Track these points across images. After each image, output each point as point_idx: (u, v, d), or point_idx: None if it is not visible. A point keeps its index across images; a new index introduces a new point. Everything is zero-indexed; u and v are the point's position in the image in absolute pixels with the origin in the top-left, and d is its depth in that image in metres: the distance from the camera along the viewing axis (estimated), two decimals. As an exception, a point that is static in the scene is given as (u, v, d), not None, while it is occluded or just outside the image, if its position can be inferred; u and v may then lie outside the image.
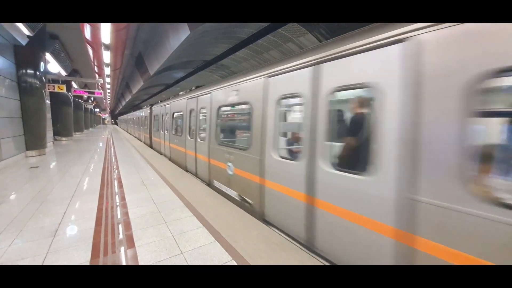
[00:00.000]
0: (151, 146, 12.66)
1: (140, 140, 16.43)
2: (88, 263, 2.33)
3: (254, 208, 3.64)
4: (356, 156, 2.41)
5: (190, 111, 6.64)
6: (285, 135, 4.68)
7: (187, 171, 6.76)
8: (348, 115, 2.95)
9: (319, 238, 2.60)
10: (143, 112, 15.76)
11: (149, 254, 2.50)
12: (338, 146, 2.71)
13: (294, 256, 2.54)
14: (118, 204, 3.96)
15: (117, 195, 4.43)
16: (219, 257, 2.49)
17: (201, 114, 6.14)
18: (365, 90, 2.22)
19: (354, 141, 2.51)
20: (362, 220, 2.13)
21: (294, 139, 4.15)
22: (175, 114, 8.18)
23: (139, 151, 10.76)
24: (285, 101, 3.39)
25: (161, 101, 11.13)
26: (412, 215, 1.79)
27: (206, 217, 3.43)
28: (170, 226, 3.17)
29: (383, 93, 1.97)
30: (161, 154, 9.92)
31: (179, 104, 7.65)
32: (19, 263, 2.32)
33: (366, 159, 2.13)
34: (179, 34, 11.20)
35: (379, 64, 2.02)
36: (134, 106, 53.12)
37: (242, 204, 3.93)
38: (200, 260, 2.44)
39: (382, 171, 1.99)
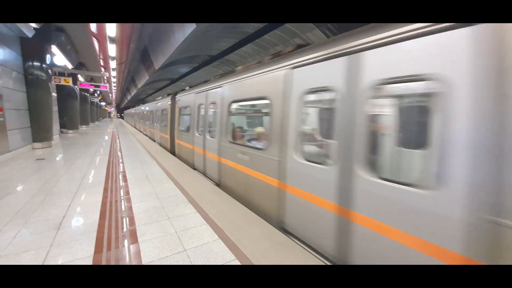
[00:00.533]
0: (173, 153, 8.74)
1: (154, 141, 12.88)
2: (91, 257, 2.32)
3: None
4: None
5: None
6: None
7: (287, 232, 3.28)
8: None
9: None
10: (160, 104, 11.64)
11: (152, 250, 2.48)
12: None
13: (298, 255, 2.49)
14: (122, 198, 3.96)
15: (122, 189, 4.43)
16: (222, 255, 2.46)
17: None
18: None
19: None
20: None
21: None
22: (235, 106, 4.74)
23: (144, 145, 10.78)
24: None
25: (191, 87, 7.62)
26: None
27: (209, 214, 3.40)
28: (173, 222, 3.15)
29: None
30: (195, 169, 6.47)
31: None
32: (23, 256, 2.33)
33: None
34: (185, 28, 11.11)
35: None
36: (139, 100, 53.38)
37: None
38: (203, 258, 2.41)
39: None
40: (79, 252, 2.40)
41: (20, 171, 5.56)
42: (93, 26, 10.20)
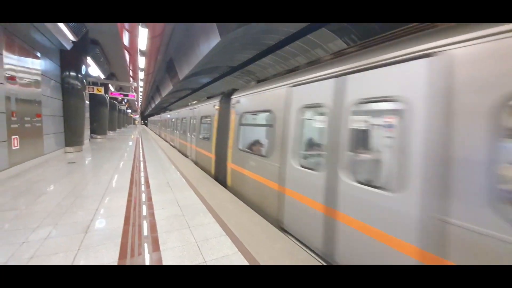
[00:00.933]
0: (223, 183, 5.71)
1: (186, 156, 10.04)
2: (115, 263, 2.37)
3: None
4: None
5: None
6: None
7: None
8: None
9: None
10: (200, 108, 8.63)
11: (173, 260, 2.49)
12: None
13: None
14: (145, 204, 4.06)
15: (145, 195, 4.55)
16: (243, 269, 2.40)
17: None
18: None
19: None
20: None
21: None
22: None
23: (165, 151, 11.09)
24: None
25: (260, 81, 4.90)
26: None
27: (228, 225, 3.38)
28: (193, 231, 3.16)
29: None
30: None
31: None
32: (52, 258, 2.43)
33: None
34: (209, 41, 11.52)
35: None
36: (162, 108, 55.62)
37: None
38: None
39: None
40: (104, 257, 2.46)
41: (52, 174, 5.93)
42: (125, 39, 10.90)
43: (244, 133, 5.05)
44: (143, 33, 9.20)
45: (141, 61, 12.86)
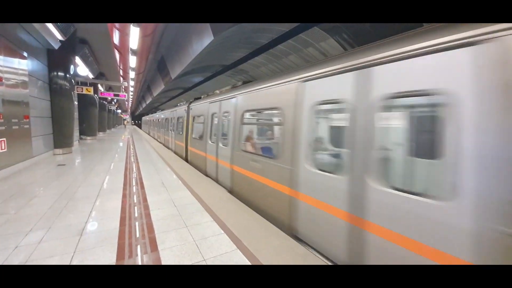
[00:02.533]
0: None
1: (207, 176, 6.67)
2: (114, 265, 2.35)
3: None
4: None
5: None
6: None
7: None
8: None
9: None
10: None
11: (172, 259, 2.48)
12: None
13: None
14: (140, 205, 4.01)
15: (139, 195, 4.50)
16: (242, 266, 2.42)
17: None
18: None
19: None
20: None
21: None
22: None
23: (157, 151, 10.98)
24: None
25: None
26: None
27: (226, 223, 3.38)
28: (191, 230, 3.15)
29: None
30: None
31: None
32: (48, 261, 2.38)
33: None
34: (203, 39, 11.42)
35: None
36: (153, 108, 54.87)
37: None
38: (223, 268, 2.38)
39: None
40: (101, 259, 2.43)
41: (42, 176, 5.78)
42: (115, 38, 10.68)
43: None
44: (134, 32, 9.04)
45: (132, 60, 12.63)
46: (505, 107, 1.45)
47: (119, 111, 47.87)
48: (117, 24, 9.45)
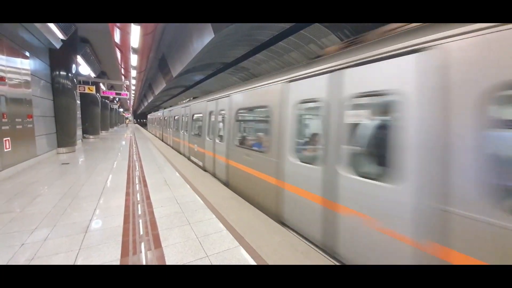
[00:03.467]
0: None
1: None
2: (118, 261, 2.38)
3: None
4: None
5: None
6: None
7: None
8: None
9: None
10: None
11: (175, 255, 2.51)
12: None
13: (319, 263, 2.44)
14: (143, 202, 4.05)
15: (142, 193, 4.54)
16: (244, 262, 2.45)
17: None
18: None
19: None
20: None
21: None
22: None
23: (160, 150, 11.03)
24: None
25: None
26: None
27: (228, 220, 3.41)
28: (194, 227, 3.18)
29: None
30: None
31: None
32: (54, 258, 2.42)
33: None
34: (203, 37, 11.41)
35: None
36: (155, 106, 54.98)
37: None
38: (226, 264, 2.41)
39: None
40: (106, 256, 2.47)
41: (47, 175, 5.84)
42: (116, 37, 10.70)
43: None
44: (135, 30, 9.04)
45: (133, 59, 12.65)
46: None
47: (121, 109, 48.02)
48: (117, 23, 9.46)
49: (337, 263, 2.56)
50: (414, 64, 1.92)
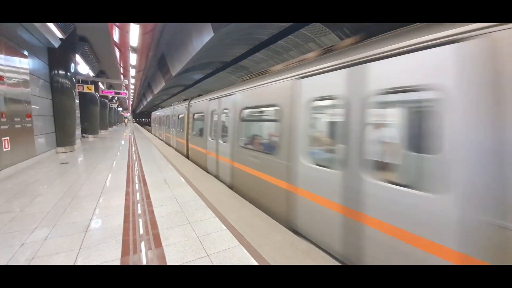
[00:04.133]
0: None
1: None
2: (119, 260, 2.38)
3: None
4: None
5: None
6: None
7: None
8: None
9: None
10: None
11: (176, 255, 2.51)
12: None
13: (320, 263, 2.44)
14: (143, 202, 4.05)
15: (142, 192, 4.54)
16: (245, 261, 2.45)
17: None
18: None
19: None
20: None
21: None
22: None
23: (159, 149, 11.01)
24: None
25: None
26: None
27: (228, 219, 3.41)
28: (194, 226, 3.18)
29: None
30: None
31: None
32: (54, 257, 2.42)
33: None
34: (203, 36, 11.38)
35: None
36: (154, 105, 54.87)
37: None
38: (226, 263, 2.41)
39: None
40: (107, 255, 2.47)
41: (46, 175, 5.83)
42: (115, 36, 10.66)
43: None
44: (134, 29, 9.01)
45: (132, 58, 12.62)
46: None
47: (120, 109, 47.87)
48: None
49: (338, 263, 2.57)
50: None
